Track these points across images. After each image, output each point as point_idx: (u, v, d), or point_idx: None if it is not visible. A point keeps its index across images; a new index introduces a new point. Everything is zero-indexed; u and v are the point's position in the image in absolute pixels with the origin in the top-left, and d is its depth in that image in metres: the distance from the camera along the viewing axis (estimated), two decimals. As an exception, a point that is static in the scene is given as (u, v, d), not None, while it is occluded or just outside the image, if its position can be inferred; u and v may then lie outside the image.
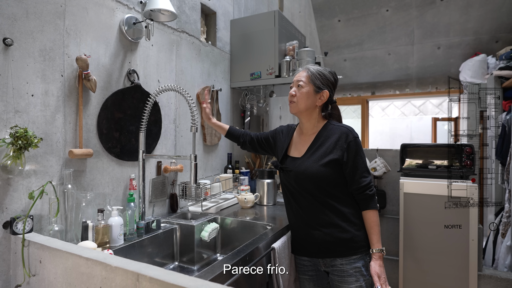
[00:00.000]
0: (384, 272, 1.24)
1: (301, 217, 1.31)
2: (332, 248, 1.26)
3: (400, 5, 3.74)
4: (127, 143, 1.41)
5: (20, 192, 1.03)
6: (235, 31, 2.24)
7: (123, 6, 1.41)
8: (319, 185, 1.25)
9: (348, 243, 1.25)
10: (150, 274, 0.70)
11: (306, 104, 1.31)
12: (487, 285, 1.97)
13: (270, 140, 1.52)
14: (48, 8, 1.11)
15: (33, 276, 0.93)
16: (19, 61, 1.03)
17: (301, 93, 1.30)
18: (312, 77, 1.30)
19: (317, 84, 1.30)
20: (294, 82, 1.34)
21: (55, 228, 1.07)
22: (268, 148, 1.53)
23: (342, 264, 1.25)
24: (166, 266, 1.42)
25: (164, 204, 1.65)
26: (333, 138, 1.28)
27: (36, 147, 1.01)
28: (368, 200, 1.26)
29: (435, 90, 4.32)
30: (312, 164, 1.27)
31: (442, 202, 1.98)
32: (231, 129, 1.61)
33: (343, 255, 1.25)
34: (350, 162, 1.25)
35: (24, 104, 1.04)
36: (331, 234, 1.25)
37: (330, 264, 1.29)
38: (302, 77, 1.32)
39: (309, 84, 1.30)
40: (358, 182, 1.25)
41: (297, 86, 1.32)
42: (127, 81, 1.44)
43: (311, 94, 1.30)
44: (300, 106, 1.31)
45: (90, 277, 0.80)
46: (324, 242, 1.26)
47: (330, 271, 1.30)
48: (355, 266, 1.24)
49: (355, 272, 1.24)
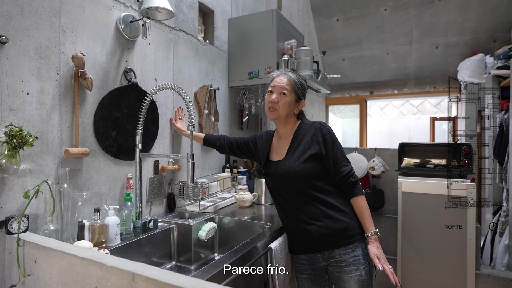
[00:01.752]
0: (382, 253, 1.27)
1: (293, 215, 1.33)
2: (329, 240, 1.28)
3: (398, 4, 3.74)
4: (124, 142, 1.40)
5: (15, 192, 1.02)
6: (233, 30, 2.23)
7: (120, 4, 1.40)
8: (304, 180, 1.29)
9: (344, 232, 1.27)
10: (145, 274, 0.69)
11: (287, 112, 1.35)
12: (484, 284, 1.97)
13: (250, 145, 1.53)
14: (44, 5, 1.10)
15: (28, 276, 0.93)
16: (14, 59, 1.02)
17: (284, 101, 1.33)
18: (295, 87, 1.34)
19: (299, 94, 1.36)
20: (276, 87, 1.34)
21: (51, 227, 1.06)
22: (248, 152, 1.55)
23: (340, 254, 1.27)
24: (164, 266, 1.41)
25: (162, 203, 1.64)
26: (309, 135, 1.33)
27: (31, 146, 1.00)
28: (353, 187, 1.30)
29: (433, 89, 4.33)
30: (294, 163, 1.30)
31: (440, 201, 1.98)
32: (207, 136, 1.66)
33: (340, 245, 1.27)
34: (329, 154, 1.30)
35: (19, 102, 1.03)
36: (325, 226, 1.27)
37: (329, 257, 1.30)
38: (286, 84, 1.33)
39: (292, 93, 1.34)
40: (340, 171, 1.29)
41: (279, 94, 1.33)
42: (124, 80, 1.43)
43: (292, 103, 1.35)
44: (282, 114, 1.34)
45: (86, 277, 0.79)
46: (320, 235, 1.28)
47: (329, 263, 1.31)
48: (353, 255, 1.27)
49: (354, 261, 1.26)
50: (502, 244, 2.53)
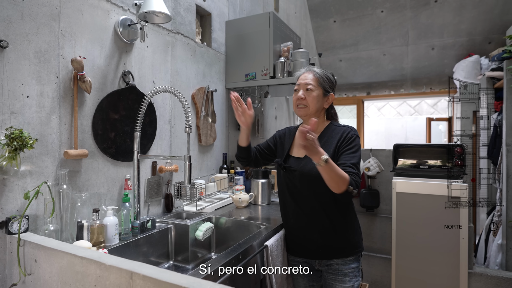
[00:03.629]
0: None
1: (301, 218, 1.32)
2: (330, 251, 1.29)
3: (394, 6, 3.78)
4: (122, 144, 1.42)
5: (16, 193, 1.05)
6: (230, 32, 2.26)
7: (118, 8, 1.42)
8: (324, 185, 1.19)
9: (346, 246, 1.28)
10: (143, 272, 0.72)
11: (316, 107, 1.31)
12: (477, 282, 2.01)
13: (270, 146, 1.50)
14: (43, 10, 1.12)
15: (29, 275, 0.95)
16: (14, 63, 1.04)
17: (312, 96, 1.30)
18: (321, 80, 1.31)
19: (326, 87, 1.32)
20: (301, 85, 1.32)
21: (51, 228, 1.08)
22: (272, 155, 1.50)
23: (338, 264, 1.29)
24: (161, 265, 1.44)
25: (159, 204, 1.66)
26: (336, 138, 1.28)
27: (31, 148, 1.02)
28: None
29: (429, 90, 4.37)
30: None
31: (435, 202, 2.01)
32: (250, 146, 1.48)
33: (339, 257, 1.28)
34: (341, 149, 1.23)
35: (19, 105, 1.06)
36: (330, 238, 1.27)
37: (326, 264, 1.31)
38: (311, 80, 1.31)
39: (318, 87, 1.31)
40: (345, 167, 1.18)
41: (305, 90, 1.31)
42: (122, 82, 1.45)
43: (320, 97, 1.31)
44: (311, 109, 1.31)
45: (85, 276, 0.82)
46: (323, 245, 1.29)
47: (325, 270, 1.32)
48: (350, 266, 1.28)
49: (349, 272, 1.27)
50: (496, 244, 2.57)
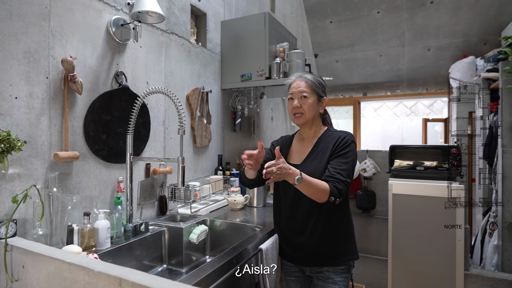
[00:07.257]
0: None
1: (295, 223, 1.31)
2: (321, 258, 1.28)
3: (391, 7, 3.78)
4: (114, 146, 1.40)
5: (3, 196, 1.02)
6: (225, 32, 2.24)
7: (111, 7, 1.40)
8: None
9: (338, 255, 1.27)
10: (132, 279, 0.70)
11: (313, 114, 1.31)
12: (473, 284, 2.00)
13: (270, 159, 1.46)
14: (33, 9, 1.10)
15: (16, 281, 0.92)
16: (2, 63, 1.02)
17: (308, 104, 1.30)
18: (314, 86, 1.31)
19: (319, 93, 1.33)
20: (295, 93, 1.31)
21: (39, 232, 1.05)
22: None
23: (328, 271, 1.28)
24: (155, 269, 1.42)
25: (153, 206, 1.64)
26: (332, 143, 1.28)
27: (19, 150, 0.99)
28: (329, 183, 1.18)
29: (425, 91, 4.38)
30: (317, 167, 1.26)
31: (431, 203, 2.00)
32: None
33: (331, 264, 1.27)
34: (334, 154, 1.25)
35: (7, 106, 1.03)
36: (322, 245, 1.26)
37: (316, 271, 1.30)
38: (304, 87, 1.31)
39: (312, 94, 1.31)
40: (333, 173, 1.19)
41: (300, 98, 1.30)
42: (114, 83, 1.43)
43: (315, 104, 1.32)
44: (308, 117, 1.31)
45: (73, 282, 0.79)
46: (315, 251, 1.27)
47: (315, 276, 1.31)
48: (341, 275, 1.28)
49: (340, 281, 1.27)
50: (492, 245, 2.57)
